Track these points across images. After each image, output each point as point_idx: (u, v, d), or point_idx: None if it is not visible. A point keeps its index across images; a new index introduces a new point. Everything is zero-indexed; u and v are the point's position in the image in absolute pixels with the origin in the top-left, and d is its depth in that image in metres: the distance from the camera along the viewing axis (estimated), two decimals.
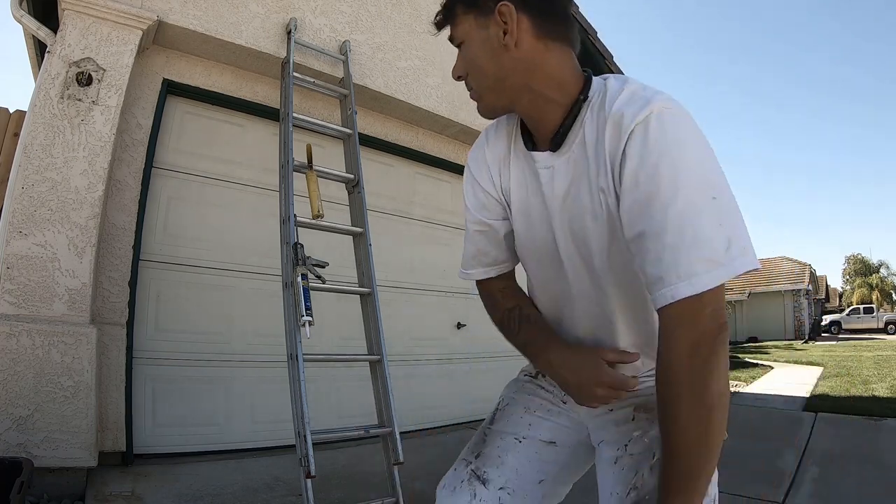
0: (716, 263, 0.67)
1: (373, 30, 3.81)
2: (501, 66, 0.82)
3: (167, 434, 2.96)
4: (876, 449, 3.57)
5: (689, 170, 0.69)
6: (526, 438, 0.98)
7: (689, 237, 0.67)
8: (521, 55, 0.81)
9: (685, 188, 0.67)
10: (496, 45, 0.81)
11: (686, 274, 0.66)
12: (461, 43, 0.86)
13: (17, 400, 2.20)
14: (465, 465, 0.98)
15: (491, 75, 0.83)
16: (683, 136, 0.71)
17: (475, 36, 0.83)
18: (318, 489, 2.24)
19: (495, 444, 0.98)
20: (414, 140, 4.31)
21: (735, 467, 3.16)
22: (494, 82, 0.84)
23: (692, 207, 0.67)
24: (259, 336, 3.30)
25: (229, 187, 3.36)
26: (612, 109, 0.76)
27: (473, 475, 0.95)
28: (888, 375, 7.32)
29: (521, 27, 0.81)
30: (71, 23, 2.57)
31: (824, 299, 29.11)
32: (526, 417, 1.01)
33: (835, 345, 15.83)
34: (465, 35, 0.84)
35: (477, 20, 0.83)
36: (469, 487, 0.94)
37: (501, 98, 0.85)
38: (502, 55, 0.81)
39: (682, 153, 0.69)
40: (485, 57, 0.83)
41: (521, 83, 0.82)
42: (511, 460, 0.96)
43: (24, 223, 2.35)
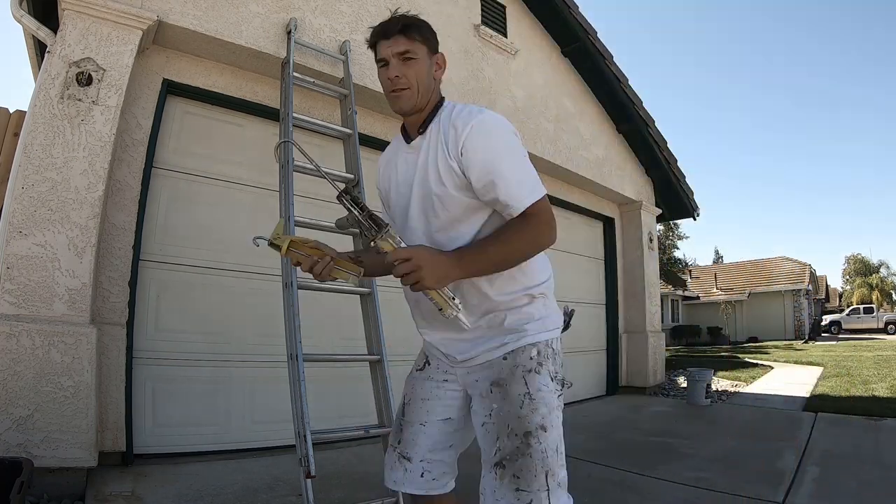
0: (534, 189, 1.19)
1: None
2: (430, 83, 1.29)
3: (167, 434, 2.96)
4: (876, 449, 3.57)
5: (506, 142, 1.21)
6: (427, 423, 1.32)
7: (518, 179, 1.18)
8: (436, 80, 1.32)
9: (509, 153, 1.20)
10: (431, 71, 1.29)
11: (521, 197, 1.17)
12: (409, 56, 1.23)
13: (17, 400, 2.20)
14: (393, 450, 1.36)
15: (424, 85, 1.26)
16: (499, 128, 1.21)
17: (424, 59, 1.26)
18: (318, 489, 2.24)
19: (408, 432, 1.33)
20: None
21: (735, 467, 3.16)
22: (425, 90, 1.27)
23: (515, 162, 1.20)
24: (259, 336, 3.30)
25: (229, 187, 3.36)
26: (458, 116, 1.22)
27: (400, 456, 1.33)
28: (888, 375, 7.32)
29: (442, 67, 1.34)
30: (71, 23, 2.57)
31: (824, 299, 29.09)
32: (424, 405, 1.34)
33: (835, 345, 15.82)
34: (417, 55, 1.25)
35: (428, 52, 1.28)
36: (400, 465, 1.33)
37: (421, 99, 1.26)
38: (431, 77, 1.29)
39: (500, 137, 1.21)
40: (426, 74, 1.27)
41: (430, 93, 1.29)
42: (422, 440, 1.32)
43: (24, 223, 2.35)
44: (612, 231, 6.69)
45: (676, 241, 17.91)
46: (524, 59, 5.18)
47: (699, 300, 23.78)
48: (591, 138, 5.93)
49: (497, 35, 4.88)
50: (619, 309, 6.56)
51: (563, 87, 5.69)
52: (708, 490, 2.72)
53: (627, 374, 6.42)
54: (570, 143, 5.55)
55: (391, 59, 1.23)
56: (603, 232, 6.69)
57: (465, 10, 4.65)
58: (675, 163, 6.74)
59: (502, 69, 4.91)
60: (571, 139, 5.60)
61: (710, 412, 5.19)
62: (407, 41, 1.24)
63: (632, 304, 6.61)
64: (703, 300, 23.73)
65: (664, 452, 3.54)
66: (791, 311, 21.94)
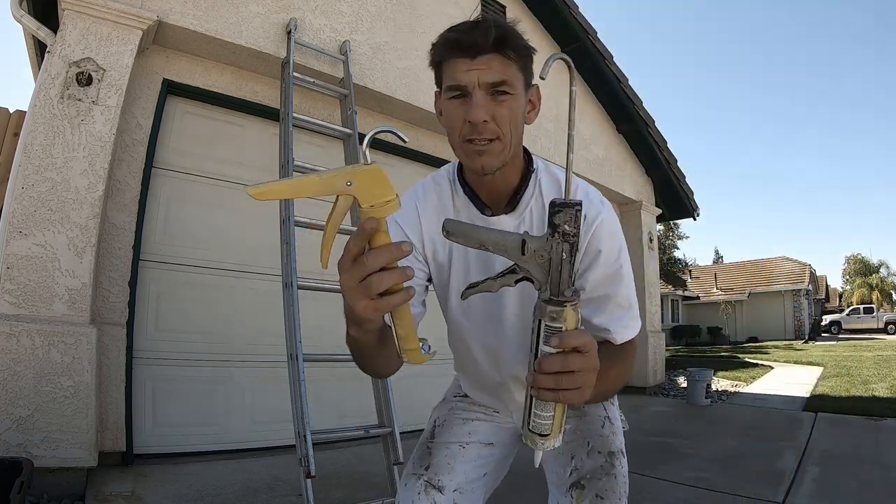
0: (637, 321, 0.96)
1: (373, 30, 3.81)
2: (521, 130, 0.88)
3: (167, 434, 2.96)
4: (876, 449, 3.57)
5: (627, 257, 0.95)
6: (469, 444, 1.10)
7: (629, 304, 0.94)
8: (525, 127, 0.90)
9: (628, 271, 0.94)
10: (524, 112, 0.89)
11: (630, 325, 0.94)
12: (505, 90, 0.83)
13: (17, 400, 2.20)
14: (417, 479, 1.05)
15: (518, 134, 0.88)
16: (620, 232, 0.95)
17: (521, 95, 0.86)
18: (318, 489, 2.24)
19: (442, 454, 1.07)
20: (414, 140, 4.31)
21: (735, 467, 3.16)
22: (518, 140, 0.89)
23: (630, 284, 0.95)
24: (259, 336, 3.30)
25: (229, 187, 3.36)
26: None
27: (428, 485, 1.03)
28: (888, 375, 7.32)
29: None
30: (71, 23, 2.57)
31: (824, 299, 29.09)
32: (466, 426, 1.12)
33: (835, 345, 15.82)
34: (514, 89, 0.84)
35: (525, 83, 0.88)
36: (427, 497, 1.01)
37: (509, 153, 0.87)
38: (522, 122, 0.88)
39: (623, 245, 0.94)
40: (520, 114, 0.87)
41: (520, 145, 0.91)
42: (459, 465, 1.06)
43: (24, 223, 2.35)
44: None
45: (676, 241, 17.91)
46: None
47: (699, 300, 23.78)
48: (591, 138, 5.93)
49: None
50: None
51: (562, 86, 5.67)
52: (708, 490, 2.72)
53: None
54: None
55: (475, 92, 0.82)
56: None
57: (465, 10, 4.64)
58: (675, 163, 6.74)
59: None
60: None
61: (710, 412, 5.19)
62: (503, 65, 0.83)
63: None
64: (703, 300, 23.73)
65: (664, 452, 3.54)
66: (791, 311, 21.94)
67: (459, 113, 0.85)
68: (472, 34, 0.82)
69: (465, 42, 0.82)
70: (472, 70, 0.82)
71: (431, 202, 0.98)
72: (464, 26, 0.85)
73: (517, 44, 0.84)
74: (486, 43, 0.81)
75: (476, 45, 0.82)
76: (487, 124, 0.83)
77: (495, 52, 0.82)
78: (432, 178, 1.03)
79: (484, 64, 0.82)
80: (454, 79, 0.84)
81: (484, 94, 0.82)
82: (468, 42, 0.82)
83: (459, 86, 0.83)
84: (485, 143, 0.84)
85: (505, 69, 0.83)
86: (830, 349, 13.59)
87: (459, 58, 0.83)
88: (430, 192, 1.00)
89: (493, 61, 0.82)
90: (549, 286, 0.64)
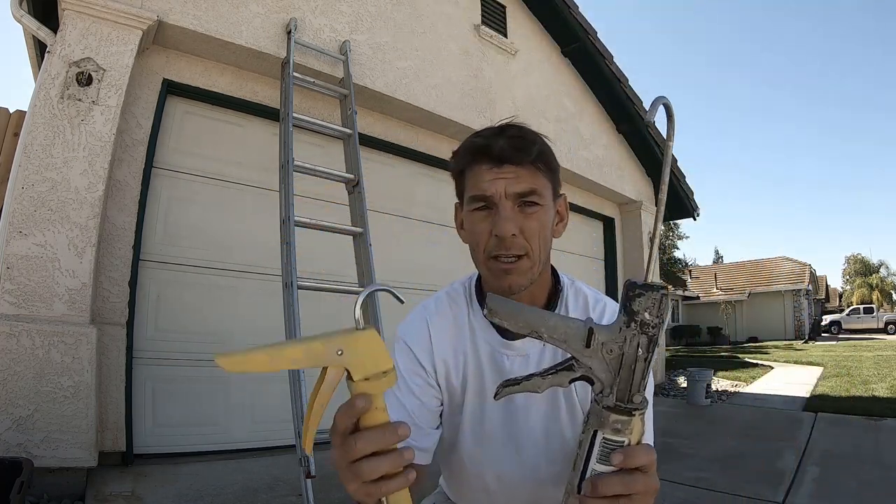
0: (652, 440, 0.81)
1: (373, 30, 3.81)
2: (550, 244, 0.82)
3: (167, 434, 2.96)
4: (876, 449, 3.57)
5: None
6: None
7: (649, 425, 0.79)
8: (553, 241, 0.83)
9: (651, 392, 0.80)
10: (553, 224, 0.83)
11: None
12: (534, 201, 0.77)
13: (17, 400, 2.20)
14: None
15: (546, 246, 0.81)
16: None
17: (549, 207, 0.81)
18: (318, 489, 2.24)
19: None
20: (414, 140, 4.31)
21: (735, 467, 3.16)
22: (546, 253, 0.81)
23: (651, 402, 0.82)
24: (259, 336, 3.29)
25: (229, 187, 3.36)
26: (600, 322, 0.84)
27: None
28: (888, 375, 7.32)
29: None
30: (71, 23, 2.57)
31: (824, 299, 29.09)
32: None
33: (835, 345, 15.82)
34: (543, 200, 0.78)
35: (553, 194, 0.82)
36: None
37: (537, 271, 0.80)
38: (551, 235, 0.82)
39: None
40: (549, 227, 0.81)
41: (547, 264, 0.84)
42: None
43: (24, 223, 2.35)
44: (612, 231, 6.69)
45: (676, 241, 17.92)
46: (524, 59, 5.18)
47: (699, 300, 23.78)
48: (591, 138, 5.93)
49: (497, 35, 4.88)
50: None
51: (563, 87, 5.68)
52: (708, 490, 2.72)
53: None
54: (570, 142, 5.55)
55: (502, 202, 0.77)
56: (603, 232, 6.69)
57: (465, 10, 4.65)
58: (675, 163, 6.74)
59: (502, 69, 4.91)
60: (571, 139, 5.60)
61: (710, 412, 5.18)
62: (532, 174, 0.77)
63: None
64: (703, 300, 23.73)
65: (664, 452, 3.53)
66: (791, 311, 21.94)
67: (485, 226, 0.78)
68: (499, 140, 0.77)
69: (493, 148, 0.76)
70: (499, 179, 0.76)
71: (445, 321, 0.89)
72: (488, 132, 0.80)
73: (546, 151, 0.80)
74: (514, 150, 0.76)
75: (503, 153, 0.76)
76: (516, 238, 0.76)
77: (524, 161, 0.76)
78: (446, 292, 0.93)
79: (512, 172, 0.76)
80: (479, 188, 0.77)
81: (512, 205, 0.76)
82: (496, 149, 0.76)
83: (485, 196, 0.77)
84: (512, 259, 0.77)
85: (534, 179, 0.77)
86: (830, 349, 13.59)
87: (485, 165, 0.77)
88: (443, 309, 0.91)
89: (522, 170, 0.76)
90: (617, 389, 0.52)
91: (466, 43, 4.60)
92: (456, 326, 0.89)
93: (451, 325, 0.89)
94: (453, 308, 0.91)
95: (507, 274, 0.77)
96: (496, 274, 0.78)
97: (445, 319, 0.89)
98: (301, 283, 2.59)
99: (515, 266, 0.77)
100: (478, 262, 0.82)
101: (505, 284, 0.78)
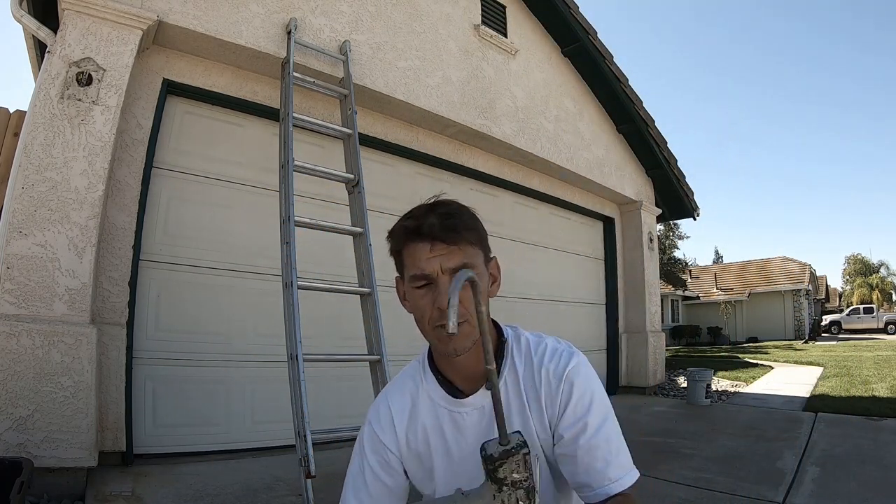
0: (628, 468, 0.89)
1: (373, 30, 3.82)
2: (487, 304, 0.85)
3: (167, 434, 2.96)
4: (876, 449, 3.57)
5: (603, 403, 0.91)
6: None
7: (615, 451, 0.88)
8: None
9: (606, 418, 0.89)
10: (487, 288, 0.90)
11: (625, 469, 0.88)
12: (464, 267, 0.83)
13: (17, 400, 2.20)
14: None
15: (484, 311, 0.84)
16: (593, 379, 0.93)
17: (482, 272, 0.88)
18: (318, 489, 2.24)
19: None
20: (414, 140, 4.31)
21: (735, 467, 3.16)
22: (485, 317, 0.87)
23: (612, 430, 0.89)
24: (259, 336, 3.30)
25: (229, 187, 3.36)
26: (542, 362, 0.93)
27: None
28: (888, 375, 7.31)
29: None
30: (71, 23, 2.57)
31: (824, 299, 29.08)
32: None
33: (835, 345, 15.82)
34: (476, 266, 0.86)
35: (484, 259, 0.90)
36: None
37: (476, 333, 0.84)
38: (488, 297, 0.88)
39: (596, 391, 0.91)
40: (485, 291, 0.86)
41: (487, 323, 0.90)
42: None
43: (24, 223, 2.35)
44: (612, 231, 6.69)
45: (676, 241, 17.90)
46: (524, 59, 5.18)
47: (699, 300, 23.77)
48: (591, 138, 5.93)
49: (497, 35, 4.88)
50: (619, 309, 6.56)
51: (563, 87, 5.68)
52: (708, 490, 2.72)
53: (627, 374, 6.42)
54: (570, 142, 5.55)
55: (440, 279, 0.84)
56: (603, 232, 6.69)
57: (465, 10, 4.65)
58: (675, 162, 6.74)
59: (502, 69, 4.91)
60: (572, 139, 5.60)
61: (710, 412, 5.18)
62: (462, 248, 0.85)
63: (632, 304, 6.61)
64: (703, 300, 23.71)
65: (664, 452, 3.54)
66: (791, 311, 21.92)
67: (427, 301, 0.86)
68: (429, 219, 0.84)
69: (422, 229, 0.84)
70: (433, 258, 0.84)
71: (404, 397, 0.99)
72: (419, 212, 0.87)
73: (473, 225, 0.88)
74: (444, 230, 0.84)
75: (434, 233, 0.84)
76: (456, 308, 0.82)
77: (454, 239, 0.84)
78: (404, 372, 1.04)
79: (444, 250, 0.84)
80: (418, 267, 0.85)
81: (448, 278, 0.83)
82: (425, 229, 0.84)
83: (424, 274, 0.85)
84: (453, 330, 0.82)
85: (465, 252, 0.85)
86: (830, 349, 13.59)
87: (418, 243, 0.85)
88: (404, 387, 1.01)
89: (454, 247, 0.84)
90: None
91: (466, 43, 4.60)
92: (413, 399, 0.98)
93: (409, 399, 0.98)
94: (409, 384, 1.00)
95: (450, 342, 0.85)
96: (442, 340, 0.86)
97: (404, 396, 0.99)
98: (301, 283, 2.59)
99: (458, 331, 0.81)
100: (424, 332, 0.90)
101: (451, 349, 0.86)
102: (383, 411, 0.99)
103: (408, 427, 0.97)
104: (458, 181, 4.71)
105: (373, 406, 1.03)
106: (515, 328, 0.99)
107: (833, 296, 34.06)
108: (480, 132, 4.50)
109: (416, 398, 0.98)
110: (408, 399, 0.99)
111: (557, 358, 0.92)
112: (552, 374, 0.91)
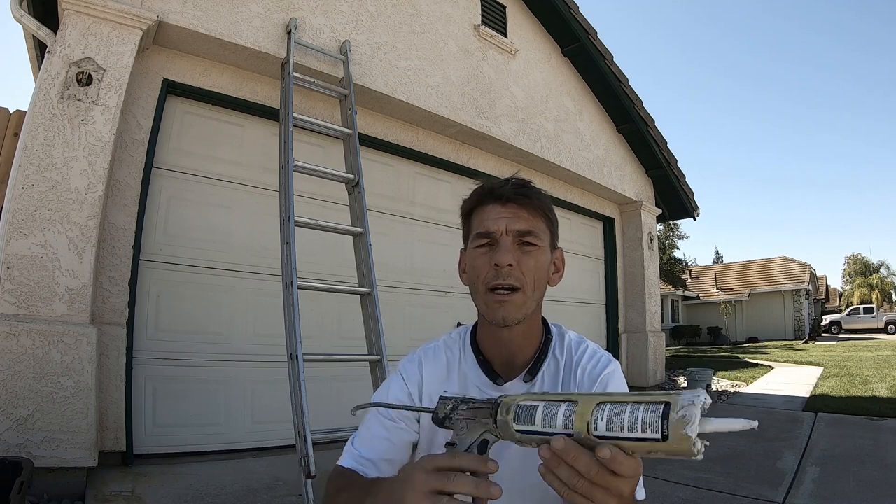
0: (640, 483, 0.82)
1: (373, 30, 3.81)
2: (543, 287, 0.89)
3: (167, 434, 2.96)
4: (876, 449, 3.57)
5: None
6: None
7: None
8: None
9: None
10: (548, 270, 0.91)
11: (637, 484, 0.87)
12: (532, 242, 0.86)
13: (17, 400, 2.20)
14: None
15: (541, 287, 0.88)
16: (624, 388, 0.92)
17: (546, 251, 0.89)
18: (318, 489, 2.24)
19: None
20: (414, 140, 4.31)
21: (735, 467, 3.16)
22: (540, 294, 0.89)
23: None
24: (259, 336, 3.30)
25: (229, 187, 3.36)
26: (580, 362, 0.92)
27: None
28: (888, 375, 7.31)
29: None
30: (71, 23, 2.57)
31: (824, 299, 29.07)
32: None
33: (835, 345, 15.82)
34: (541, 241, 0.87)
35: (551, 242, 0.91)
36: None
37: (530, 308, 0.87)
38: (545, 280, 0.90)
39: None
40: (545, 270, 0.89)
41: (539, 307, 0.91)
42: None
43: (24, 223, 2.35)
44: (612, 231, 6.69)
45: (676, 241, 17.90)
46: (524, 59, 5.18)
47: (699, 300, 23.77)
48: (591, 138, 5.93)
49: (497, 35, 4.88)
50: (619, 309, 6.56)
51: (563, 86, 5.68)
52: (708, 490, 2.72)
53: (627, 374, 6.40)
54: (570, 142, 5.55)
55: (503, 238, 0.85)
56: (603, 232, 6.69)
57: (465, 10, 4.65)
58: (675, 163, 6.74)
59: (502, 69, 4.91)
60: (572, 139, 5.60)
61: (711, 412, 5.18)
62: (531, 215, 0.87)
63: (632, 304, 6.61)
64: (703, 300, 23.71)
65: None
66: (791, 311, 21.92)
67: (485, 260, 0.86)
68: (504, 184, 0.87)
69: (497, 190, 0.87)
70: (501, 217, 0.85)
71: (438, 366, 0.96)
72: (497, 180, 0.89)
73: (548, 203, 0.90)
74: (517, 193, 0.86)
75: (508, 193, 0.86)
76: (513, 269, 0.83)
77: (525, 203, 0.86)
78: (444, 340, 1.01)
79: (514, 212, 0.85)
80: (483, 225, 0.86)
81: (512, 241, 0.85)
82: (499, 190, 0.86)
83: (488, 232, 0.86)
84: (506, 292, 0.84)
85: (533, 220, 0.87)
86: (830, 349, 13.59)
87: (489, 204, 0.87)
88: (439, 354, 0.98)
89: (522, 210, 0.86)
90: None
91: (466, 43, 4.60)
92: (447, 371, 0.95)
93: (442, 370, 0.96)
94: (447, 354, 0.97)
95: (502, 305, 0.84)
96: (492, 307, 0.85)
97: (438, 365, 0.96)
98: (301, 283, 2.59)
99: (510, 298, 0.84)
100: (477, 298, 0.89)
101: (499, 316, 0.84)
102: (413, 367, 0.96)
103: (434, 391, 0.93)
104: (458, 181, 4.71)
105: (403, 361, 0.99)
106: (560, 326, 1.00)
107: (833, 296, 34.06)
108: (480, 132, 4.50)
109: (451, 371, 0.95)
110: (441, 370, 0.96)
111: (596, 360, 0.93)
112: (588, 375, 0.91)
